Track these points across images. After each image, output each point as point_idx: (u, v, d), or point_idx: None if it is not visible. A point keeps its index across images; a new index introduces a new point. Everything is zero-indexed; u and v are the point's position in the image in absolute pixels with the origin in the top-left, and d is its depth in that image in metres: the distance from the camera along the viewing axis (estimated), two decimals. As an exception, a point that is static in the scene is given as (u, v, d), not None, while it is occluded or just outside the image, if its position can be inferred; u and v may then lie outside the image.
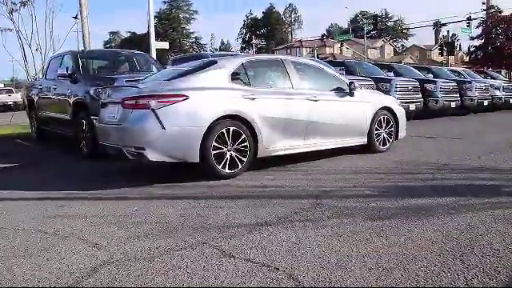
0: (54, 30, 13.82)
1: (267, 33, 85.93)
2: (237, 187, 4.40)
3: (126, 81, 5.95)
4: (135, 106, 4.36)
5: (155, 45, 13.69)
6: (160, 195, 4.14)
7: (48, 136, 8.79)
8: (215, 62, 4.96)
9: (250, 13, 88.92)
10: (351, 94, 6.04)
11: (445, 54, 36.15)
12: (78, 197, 4.19)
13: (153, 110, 4.27)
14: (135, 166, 5.51)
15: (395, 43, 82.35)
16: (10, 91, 34.30)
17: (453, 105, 13.63)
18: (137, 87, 4.55)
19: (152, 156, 4.31)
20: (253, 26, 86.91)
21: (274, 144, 5.14)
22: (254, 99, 4.94)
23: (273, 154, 5.19)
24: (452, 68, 19.46)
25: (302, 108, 5.41)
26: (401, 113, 6.83)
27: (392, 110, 6.64)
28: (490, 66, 30.90)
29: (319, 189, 4.24)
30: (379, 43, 71.74)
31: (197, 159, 4.47)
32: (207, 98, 4.60)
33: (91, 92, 6.31)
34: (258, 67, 5.28)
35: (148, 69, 8.03)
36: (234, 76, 4.93)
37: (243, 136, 4.79)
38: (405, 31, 74.07)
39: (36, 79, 11.04)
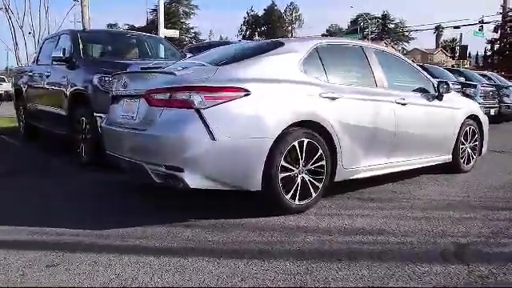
0: (50, 14, 12.21)
1: (268, 30, 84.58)
2: (312, 233, 2.89)
3: (142, 68, 4.43)
4: (169, 103, 2.85)
5: (164, 33, 12.11)
6: (198, 244, 2.63)
7: (38, 133, 7.23)
8: (281, 44, 3.42)
9: (251, 9, 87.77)
10: (440, 97, 4.58)
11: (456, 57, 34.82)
12: (76, 243, 2.66)
13: (197, 111, 2.76)
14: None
15: (396, 46, 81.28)
16: (2, 80, 32.67)
17: (492, 112, 12.24)
18: (172, 74, 3.01)
19: (193, 181, 2.79)
20: (253, 23, 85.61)
21: (356, 163, 3.65)
22: (334, 99, 3.44)
23: (353, 177, 3.70)
24: (481, 72, 18.11)
25: (388, 114, 3.92)
26: (486, 122, 5.39)
27: (478, 119, 5.19)
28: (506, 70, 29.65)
29: (448, 239, 2.76)
30: (381, 45, 70.44)
31: (258, 186, 2.97)
32: (275, 95, 3.09)
33: (95, 81, 4.76)
34: (335, 55, 3.77)
35: (163, 56, 6.50)
36: (307, 65, 3.41)
37: (319, 152, 3.29)
38: (406, 34, 73.02)
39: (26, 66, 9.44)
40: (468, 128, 5.01)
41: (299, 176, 3.21)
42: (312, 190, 3.30)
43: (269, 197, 3.07)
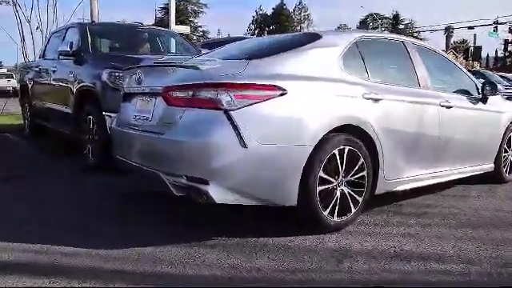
0: (59, 9, 11.83)
1: (276, 30, 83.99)
2: (357, 258, 2.46)
3: (155, 63, 4.02)
4: (192, 103, 2.42)
5: (175, 29, 11.70)
6: (222, 271, 2.21)
7: (44, 131, 6.86)
8: (319, 37, 2.98)
9: (259, 8, 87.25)
10: (484, 99, 4.12)
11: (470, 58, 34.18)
12: (70, 267, 2.25)
13: (226, 112, 2.34)
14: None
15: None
16: (10, 76, 32.49)
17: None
18: (195, 68, 2.55)
19: (219, 195, 2.35)
20: (262, 22, 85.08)
21: (398, 173, 3.21)
22: (377, 101, 3.00)
23: (395, 189, 3.26)
24: (500, 74, 17.56)
25: (433, 118, 3.47)
26: (526, 127, 4.92)
27: (520, 124, 4.72)
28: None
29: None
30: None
31: (293, 201, 2.54)
32: (314, 95, 2.65)
33: (104, 76, 4.36)
34: (375, 50, 3.32)
35: (177, 52, 6.08)
36: (347, 61, 2.97)
37: (361, 161, 2.86)
38: (416, 35, 72.27)
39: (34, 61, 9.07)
40: (511, 134, 4.56)
41: (338, 189, 2.78)
42: (352, 205, 2.86)
43: (305, 213, 2.64)
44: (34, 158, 5.42)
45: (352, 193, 2.87)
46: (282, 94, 2.46)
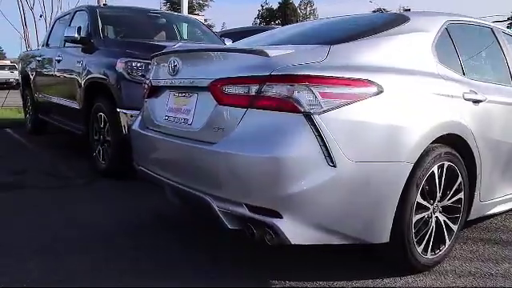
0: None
1: (282, 24, 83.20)
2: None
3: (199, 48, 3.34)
4: (257, 102, 1.75)
5: (187, 19, 10.95)
6: None
7: (47, 126, 6.22)
8: (406, 19, 2.27)
9: (265, 2, 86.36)
10: None
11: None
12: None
13: (307, 116, 1.67)
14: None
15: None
16: (13, 67, 31.85)
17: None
18: (261, 54, 1.80)
19: (295, 234, 1.68)
20: (267, 17, 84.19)
21: (493, 193, 2.54)
22: (476, 103, 2.32)
23: (489, 212, 2.59)
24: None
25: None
26: None
27: None
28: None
29: None
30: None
31: (386, 237, 1.87)
32: (412, 95, 1.96)
33: (119, 66, 3.68)
34: (466, 38, 2.62)
35: (196, 39, 5.39)
36: (440, 50, 2.28)
37: (459, 179, 2.19)
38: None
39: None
40: None
41: (433, 216, 2.12)
42: (446, 236, 2.20)
43: (396, 251, 1.97)
44: (34, 160, 4.75)
45: (447, 220, 2.21)
46: (377, 93, 1.79)
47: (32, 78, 6.24)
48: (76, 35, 4.43)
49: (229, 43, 5.18)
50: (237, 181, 1.72)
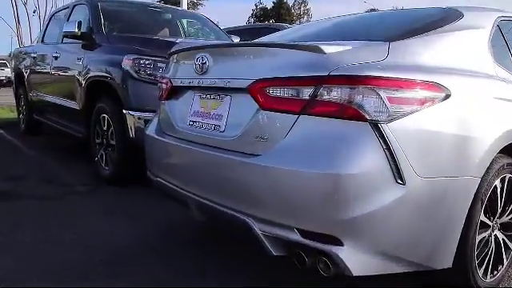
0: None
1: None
2: None
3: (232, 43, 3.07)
4: (312, 107, 1.47)
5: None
6: None
7: (42, 127, 5.91)
8: (459, 15, 2.00)
9: (259, 2, 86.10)
10: None
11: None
12: None
13: (374, 125, 1.40)
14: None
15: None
16: (4, 65, 31.17)
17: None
18: (317, 50, 1.51)
19: (358, 263, 1.41)
20: (261, 16, 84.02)
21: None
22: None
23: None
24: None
25: None
26: None
27: None
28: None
29: None
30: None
31: (450, 261, 1.62)
32: (477, 99, 1.72)
33: (126, 64, 3.39)
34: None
35: (201, 35, 5.11)
36: (495, 49, 2.04)
37: (518, 193, 1.96)
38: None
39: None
40: None
41: (492, 234, 1.88)
42: (504, 255, 1.97)
43: (457, 276, 1.72)
44: (31, 165, 4.44)
45: (505, 238, 1.97)
46: (445, 98, 1.53)
47: (26, 75, 5.92)
48: (76, 30, 4.14)
49: (236, 41, 4.92)
50: (287, 201, 1.45)
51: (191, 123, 1.95)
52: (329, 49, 1.50)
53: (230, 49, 1.89)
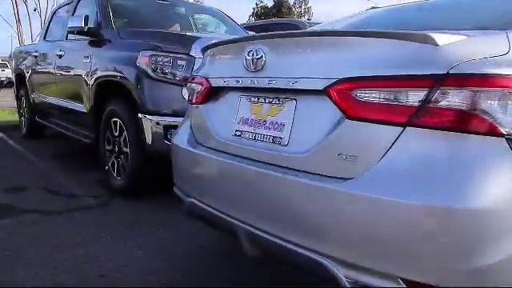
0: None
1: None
2: None
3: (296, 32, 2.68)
4: (423, 116, 1.06)
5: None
6: None
7: (45, 130, 5.54)
8: None
9: (260, 1, 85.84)
10: None
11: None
12: None
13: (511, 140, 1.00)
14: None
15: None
16: (4, 65, 30.86)
17: None
18: (420, 38, 1.09)
19: None
20: (262, 14, 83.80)
21: None
22: None
23: None
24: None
25: None
26: None
27: None
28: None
29: None
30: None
31: None
32: None
33: (142, 61, 2.99)
34: None
35: (225, 33, 4.71)
36: None
37: None
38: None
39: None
40: None
41: None
42: None
43: None
44: (35, 173, 4.04)
45: None
46: None
47: (28, 76, 5.53)
48: (82, 25, 3.74)
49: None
50: (391, 242, 1.06)
51: (238, 133, 1.54)
52: (442, 39, 1.10)
53: (296, 39, 1.45)
